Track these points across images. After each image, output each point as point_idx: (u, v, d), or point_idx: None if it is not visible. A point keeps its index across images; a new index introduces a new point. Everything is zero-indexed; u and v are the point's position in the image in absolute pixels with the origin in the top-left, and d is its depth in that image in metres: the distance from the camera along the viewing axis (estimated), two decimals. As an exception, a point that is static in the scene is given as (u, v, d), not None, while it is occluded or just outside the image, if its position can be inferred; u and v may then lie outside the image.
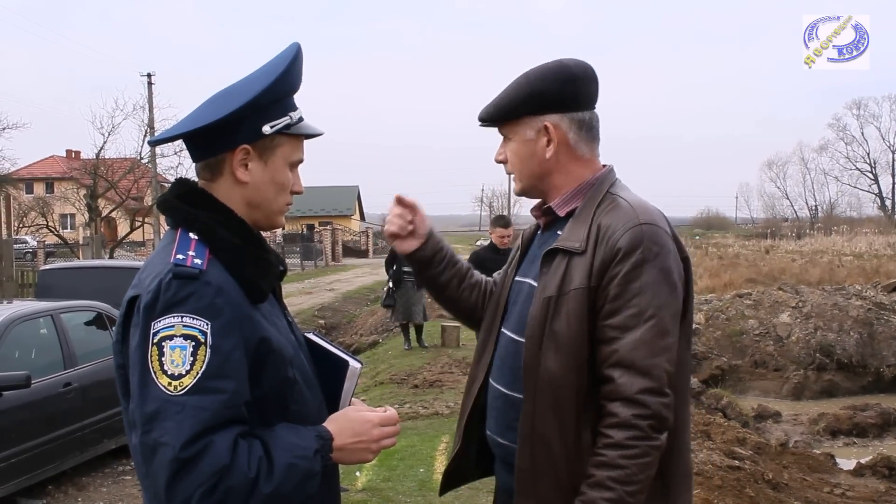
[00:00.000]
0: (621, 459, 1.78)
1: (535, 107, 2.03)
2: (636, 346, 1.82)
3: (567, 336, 1.89)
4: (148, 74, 33.80)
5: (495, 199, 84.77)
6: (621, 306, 1.84)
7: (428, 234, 2.31)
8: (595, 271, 1.89)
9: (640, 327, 1.82)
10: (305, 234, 47.15)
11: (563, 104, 2.04)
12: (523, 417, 1.96)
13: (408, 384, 10.56)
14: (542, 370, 1.91)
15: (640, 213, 1.93)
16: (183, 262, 1.61)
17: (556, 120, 2.04)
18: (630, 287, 1.84)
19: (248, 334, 1.62)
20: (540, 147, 2.05)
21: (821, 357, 13.54)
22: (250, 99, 1.69)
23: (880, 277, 21.49)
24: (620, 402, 1.81)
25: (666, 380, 1.83)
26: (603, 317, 1.87)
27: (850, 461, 8.95)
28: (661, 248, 1.88)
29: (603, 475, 1.79)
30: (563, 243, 1.97)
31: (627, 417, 1.79)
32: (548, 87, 2.03)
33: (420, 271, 2.37)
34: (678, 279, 1.91)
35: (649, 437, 1.80)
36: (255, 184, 1.76)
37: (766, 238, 51.35)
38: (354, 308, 22.15)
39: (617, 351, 1.83)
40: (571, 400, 1.89)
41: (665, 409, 1.82)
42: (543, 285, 1.96)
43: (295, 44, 1.81)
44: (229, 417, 1.55)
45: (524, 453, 1.95)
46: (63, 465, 6.83)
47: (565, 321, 1.90)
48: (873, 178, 79.55)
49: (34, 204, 37.54)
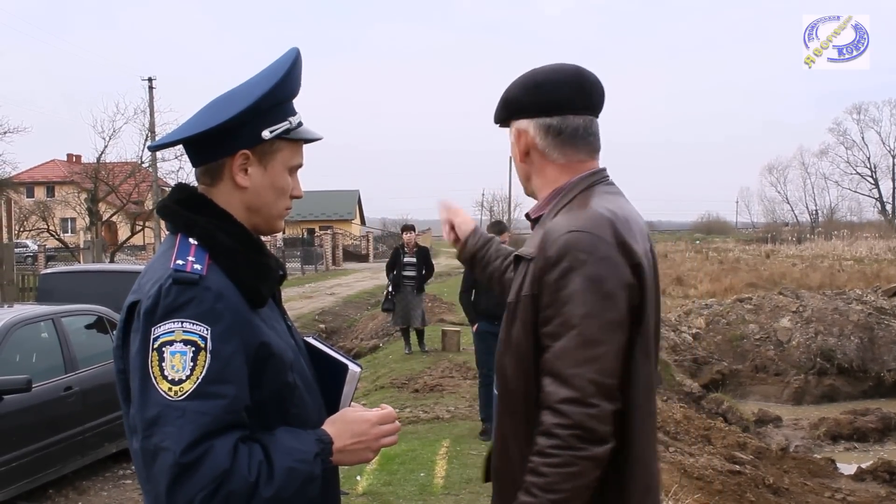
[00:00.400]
0: (544, 467, 1.78)
1: (509, 112, 2.13)
2: (560, 356, 1.80)
3: (517, 341, 1.92)
4: (149, 79, 33.84)
5: (495, 203, 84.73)
6: (553, 315, 1.83)
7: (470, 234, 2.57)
8: (535, 279, 1.89)
9: (565, 336, 1.80)
10: (306, 239, 47.22)
11: (529, 110, 2.08)
12: (496, 418, 2.07)
13: (408, 388, 10.57)
14: (502, 373, 1.98)
15: (574, 220, 1.90)
16: (183, 268, 1.61)
17: (523, 125, 2.10)
18: (559, 295, 1.83)
19: (248, 339, 1.63)
20: (517, 151, 2.13)
21: (821, 362, 13.54)
22: (250, 104, 1.70)
23: (881, 282, 21.47)
24: (546, 411, 1.81)
25: (592, 390, 1.78)
26: (540, 324, 1.87)
27: (851, 466, 8.95)
28: (588, 255, 1.83)
29: (529, 480, 1.80)
30: (522, 250, 2.02)
31: (549, 426, 1.79)
32: (513, 94, 2.12)
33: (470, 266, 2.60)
34: (617, 287, 1.84)
35: (573, 447, 1.77)
36: (255, 188, 1.76)
37: (766, 242, 51.33)
38: (355, 312, 22.14)
39: (547, 359, 1.83)
40: (520, 405, 1.92)
41: (590, 420, 1.77)
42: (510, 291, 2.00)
43: (294, 49, 1.81)
44: (230, 422, 1.56)
45: (494, 455, 2.06)
46: (64, 469, 6.84)
47: (520, 327, 1.92)
48: (874, 182, 79.58)
49: (35, 208, 37.47)
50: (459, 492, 6.19)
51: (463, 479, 6.48)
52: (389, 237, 55.91)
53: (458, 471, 6.71)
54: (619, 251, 1.87)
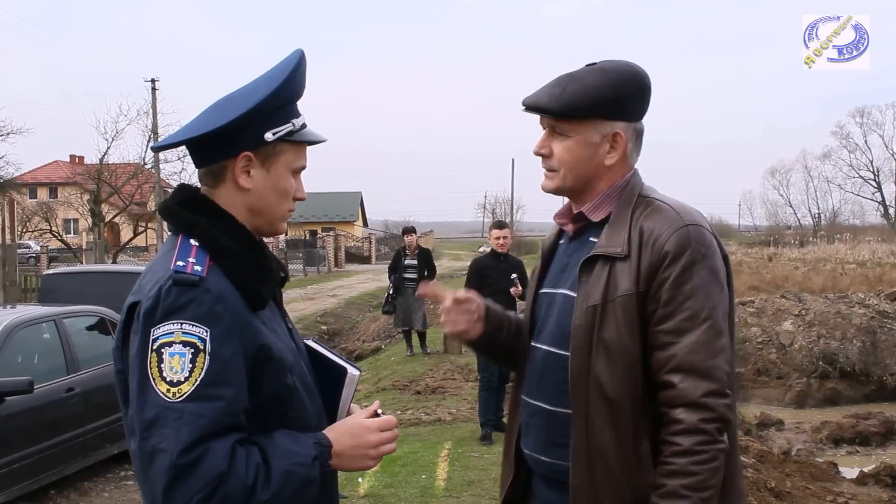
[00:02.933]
0: (692, 466, 1.75)
1: (611, 112, 1.96)
2: (694, 349, 1.79)
3: (618, 344, 1.85)
4: (152, 80, 33.88)
5: (498, 205, 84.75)
6: (674, 310, 1.82)
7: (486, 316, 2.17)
8: (642, 276, 1.85)
9: (696, 329, 1.80)
10: (308, 240, 47.16)
11: (634, 113, 2.01)
12: (576, 432, 1.90)
13: (410, 390, 10.56)
14: (594, 381, 1.87)
15: (682, 214, 1.90)
16: (183, 269, 1.61)
17: (623, 128, 1.99)
18: (682, 290, 1.82)
19: (247, 341, 1.63)
20: (602, 152, 1.98)
21: (824, 365, 13.50)
22: (252, 106, 1.69)
23: (883, 286, 21.42)
24: (684, 408, 1.78)
25: (728, 381, 1.82)
26: (655, 322, 1.84)
27: (853, 470, 8.91)
28: (707, 248, 1.87)
29: (675, 484, 1.75)
30: (603, 249, 1.92)
31: (694, 422, 1.76)
32: (628, 95, 1.97)
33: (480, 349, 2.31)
34: (725, 278, 1.91)
35: (716, 441, 1.77)
36: (258, 190, 1.76)
37: (769, 246, 51.18)
38: (357, 314, 22.15)
39: (675, 356, 1.80)
40: (627, 409, 1.85)
41: (728, 411, 1.80)
42: (585, 294, 1.91)
43: (298, 51, 1.80)
44: (227, 424, 1.56)
45: (579, 469, 1.89)
46: (65, 471, 6.83)
47: (615, 329, 1.85)
48: (876, 186, 79.33)
49: (38, 209, 37.50)
50: (461, 494, 6.18)
51: (464, 482, 6.46)
52: (392, 239, 55.88)
53: (460, 473, 6.70)
54: (717, 244, 1.93)
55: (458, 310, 2.14)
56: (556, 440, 1.96)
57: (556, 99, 1.95)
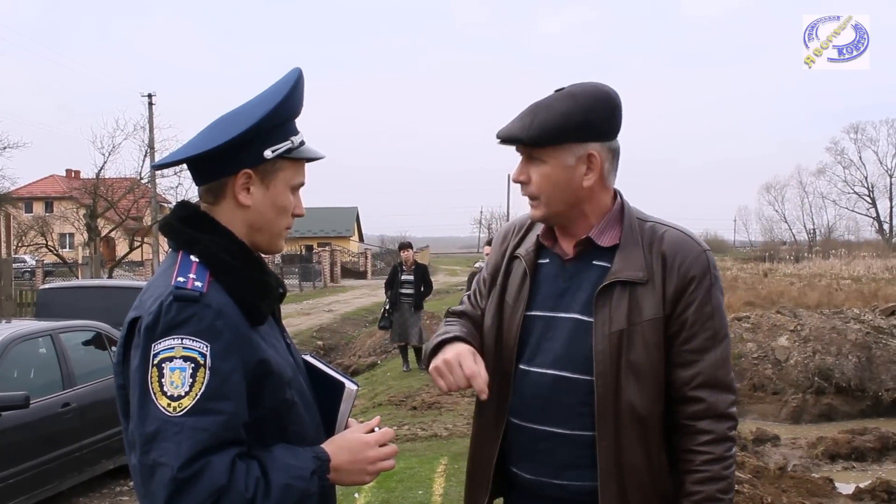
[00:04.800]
0: (724, 471, 1.92)
1: (583, 134, 1.97)
2: (718, 366, 1.95)
3: (647, 366, 1.95)
4: (149, 95, 33.95)
5: (494, 221, 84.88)
6: (698, 331, 1.95)
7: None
8: (668, 299, 1.96)
9: (718, 347, 1.96)
10: (304, 255, 47.21)
11: (606, 133, 2.01)
12: (603, 453, 1.93)
13: (406, 406, 10.55)
14: (624, 404, 1.93)
15: (698, 241, 2.04)
16: (184, 285, 1.63)
17: (597, 149, 2.00)
18: (704, 311, 1.96)
19: (247, 356, 1.64)
20: (578, 175, 1.99)
21: (819, 381, 13.50)
22: (252, 125, 1.71)
23: (878, 301, 21.43)
24: (711, 420, 1.93)
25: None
26: (680, 342, 1.96)
27: (849, 485, 8.90)
28: (717, 271, 2.03)
29: (712, 490, 1.90)
30: (623, 275, 1.97)
31: (724, 432, 1.93)
32: (598, 116, 1.98)
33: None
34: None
35: (735, 444, 1.95)
36: (257, 207, 1.78)
37: (764, 261, 51.27)
38: (353, 329, 22.12)
39: (700, 373, 1.94)
40: (656, 427, 1.97)
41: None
42: (607, 319, 1.95)
43: (296, 69, 1.82)
44: (227, 439, 1.57)
45: (609, 490, 1.93)
46: (61, 486, 6.81)
47: (643, 351, 1.94)
48: (871, 201, 79.56)
49: (33, 223, 37.46)
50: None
51: (461, 497, 6.40)
52: (388, 254, 55.90)
53: (456, 489, 6.69)
54: None
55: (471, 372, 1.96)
56: (571, 462, 1.99)
57: (528, 128, 1.97)
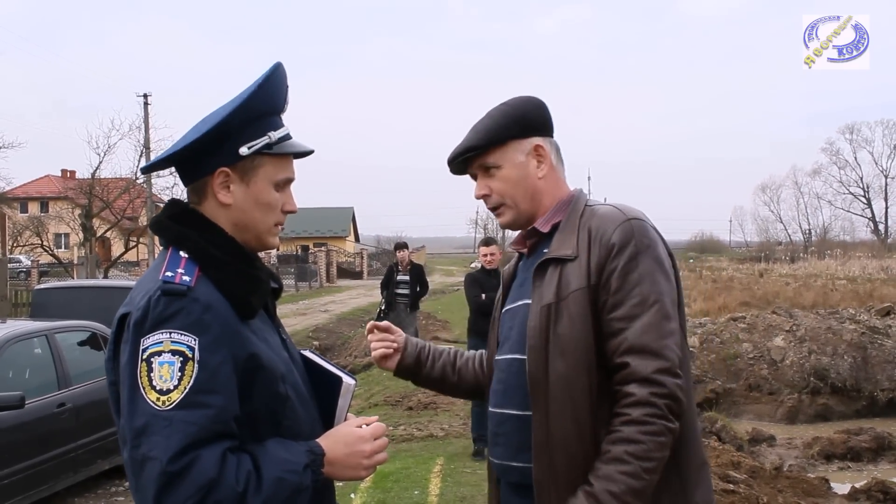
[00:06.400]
0: (639, 435, 1.81)
1: (522, 129, 2.11)
2: (645, 331, 1.87)
3: (572, 337, 1.92)
4: (144, 95, 33.89)
5: (489, 220, 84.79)
6: (624, 298, 1.90)
7: (405, 343, 2.37)
8: (593, 270, 1.94)
9: (646, 313, 1.88)
10: (300, 255, 47.14)
11: (543, 128, 2.16)
12: (536, 427, 1.95)
13: (402, 406, 10.56)
14: (553, 376, 1.93)
15: (625, 211, 2.02)
16: (172, 280, 1.63)
17: (541, 141, 2.14)
18: (629, 278, 1.91)
19: (236, 350, 1.64)
20: (532, 168, 2.12)
21: (815, 381, 13.52)
22: (217, 122, 1.71)
23: (874, 301, 21.50)
24: (636, 383, 1.84)
25: (678, 362, 1.88)
26: (607, 311, 1.91)
27: (845, 485, 8.92)
28: (650, 240, 1.97)
29: (620, 449, 1.81)
30: (553, 253, 2.02)
31: (644, 395, 1.83)
32: (529, 112, 2.14)
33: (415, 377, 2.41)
34: (670, 269, 1.99)
35: (665, 417, 1.83)
36: (239, 206, 1.77)
37: (759, 261, 51.41)
38: (349, 329, 22.10)
39: (627, 339, 1.88)
40: (585, 399, 1.91)
41: (679, 391, 1.86)
42: (539, 296, 1.99)
43: (275, 63, 1.81)
44: (217, 432, 1.57)
45: (541, 463, 1.94)
46: (56, 486, 6.80)
47: (568, 324, 1.93)
48: (866, 202, 79.83)
49: (29, 223, 37.39)
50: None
51: (457, 497, 6.46)
52: (384, 254, 55.88)
53: (452, 489, 6.70)
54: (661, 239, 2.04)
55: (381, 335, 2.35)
56: (525, 443, 2.00)
57: (473, 137, 2.12)
